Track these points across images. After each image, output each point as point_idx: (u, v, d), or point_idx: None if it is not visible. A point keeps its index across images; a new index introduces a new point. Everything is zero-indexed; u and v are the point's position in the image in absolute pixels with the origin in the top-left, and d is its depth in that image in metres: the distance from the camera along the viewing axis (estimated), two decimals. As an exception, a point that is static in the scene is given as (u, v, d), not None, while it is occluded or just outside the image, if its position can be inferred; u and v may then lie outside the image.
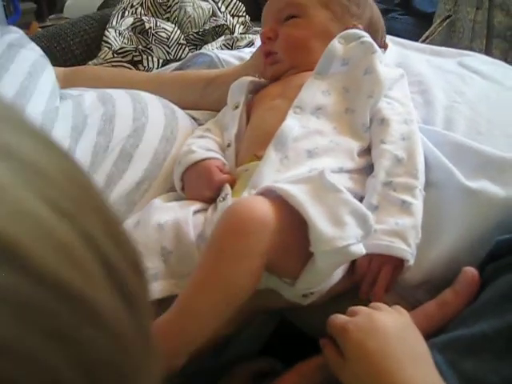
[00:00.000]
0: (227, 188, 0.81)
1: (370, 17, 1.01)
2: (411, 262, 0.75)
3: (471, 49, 2.10)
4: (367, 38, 0.91)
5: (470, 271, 0.73)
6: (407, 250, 0.74)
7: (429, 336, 0.67)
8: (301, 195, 0.67)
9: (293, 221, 0.66)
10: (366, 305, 0.70)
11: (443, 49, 1.32)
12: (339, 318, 0.67)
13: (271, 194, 0.70)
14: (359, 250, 0.68)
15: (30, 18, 3.26)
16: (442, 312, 0.71)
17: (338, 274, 0.74)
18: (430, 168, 0.84)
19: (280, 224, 0.66)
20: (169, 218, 0.78)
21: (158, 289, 0.75)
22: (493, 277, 0.71)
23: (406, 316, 0.68)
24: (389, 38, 1.14)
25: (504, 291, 0.67)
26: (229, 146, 0.89)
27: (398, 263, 0.76)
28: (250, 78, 0.98)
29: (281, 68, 0.97)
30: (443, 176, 0.83)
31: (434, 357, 0.63)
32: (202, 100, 1.10)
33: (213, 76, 1.11)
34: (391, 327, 0.65)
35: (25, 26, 2.89)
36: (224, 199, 0.80)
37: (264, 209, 0.66)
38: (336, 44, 0.91)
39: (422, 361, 0.62)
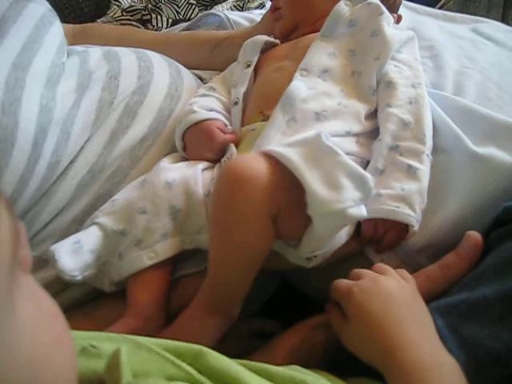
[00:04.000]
0: (232, 148, 0.81)
1: None
2: (416, 227, 0.75)
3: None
4: None
5: (474, 235, 0.72)
6: (412, 216, 0.74)
7: (430, 299, 0.67)
8: (297, 159, 0.66)
9: (291, 183, 0.66)
10: (369, 267, 0.70)
11: (457, 15, 1.30)
12: (344, 282, 0.68)
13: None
14: (359, 212, 0.67)
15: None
16: (444, 275, 0.71)
17: (342, 237, 0.74)
18: (438, 133, 0.83)
19: (279, 183, 0.66)
20: (176, 177, 0.78)
21: (167, 247, 0.76)
22: (498, 242, 0.70)
23: (411, 281, 0.68)
24: (403, 3, 1.12)
25: (508, 256, 0.66)
26: (236, 103, 0.88)
27: (403, 228, 0.75)
28: (265, 38, 0.96)
29: (285, 23, 0.97)
30: (451, 141, 0.81)
31: (435, 321, 0.63)
32: (210, 61, 1.09)
33: (221, 37, 1.10)
34: (394, 291, 0.65)
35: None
36: (230, 159, 0.79)
37: (261, 169, 0.66)
38: (342, 5, 0.89)
39: (422, 325, 0.62)
